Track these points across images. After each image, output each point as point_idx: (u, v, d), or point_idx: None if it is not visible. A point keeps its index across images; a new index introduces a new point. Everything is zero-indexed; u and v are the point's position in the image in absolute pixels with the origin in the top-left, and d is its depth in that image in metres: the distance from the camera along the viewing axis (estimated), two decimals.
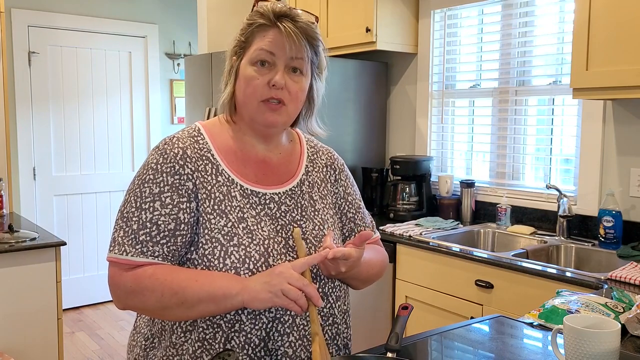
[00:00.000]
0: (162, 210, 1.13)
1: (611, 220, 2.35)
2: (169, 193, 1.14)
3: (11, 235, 2.63)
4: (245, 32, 1.20)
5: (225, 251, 1.13)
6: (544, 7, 2.81)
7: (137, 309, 1.17)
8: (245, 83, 1.18)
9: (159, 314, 1.16)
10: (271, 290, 1.03)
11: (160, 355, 1.19)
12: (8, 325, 2.55)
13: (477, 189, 3.02)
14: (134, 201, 1.15)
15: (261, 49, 1.17)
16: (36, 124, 4.53)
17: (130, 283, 1.12)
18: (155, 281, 1.10)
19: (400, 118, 3.45)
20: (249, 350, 1.13)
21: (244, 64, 1.19)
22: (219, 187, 1.17)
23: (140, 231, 1.12)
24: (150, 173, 1.16)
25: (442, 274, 2.46)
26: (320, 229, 1.25)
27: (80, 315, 4.59)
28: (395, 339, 1.19)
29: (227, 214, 1.16)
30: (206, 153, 1.20)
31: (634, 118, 2.44)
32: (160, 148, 1.18)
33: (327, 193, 1.33)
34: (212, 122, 1.28)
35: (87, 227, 4.80)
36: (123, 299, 1.15)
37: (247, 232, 1.15)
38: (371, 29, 3.05)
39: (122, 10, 4.88)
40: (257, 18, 1.19)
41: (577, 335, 1.09)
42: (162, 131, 5.14)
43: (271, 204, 1.21)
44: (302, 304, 1.04)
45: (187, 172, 1.16)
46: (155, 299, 1.10)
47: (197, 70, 3.59)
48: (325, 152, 1.38)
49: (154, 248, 1.12)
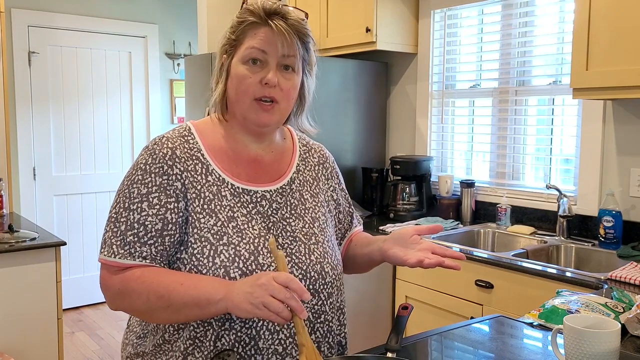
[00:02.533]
0: (149, 211, 1.13)
1: (611, 220, 2.35)
2: (156, 194, 1.14)
3: (11, 235, 2.63)
4: (236, 30, 1.20)
5: (214, 250, 1.13)
6: (544, 7, 2.81)
7: (127, 310, 1.18)
8: (237, 81, 1.18)
9: (147, 317, 1.17)
10: (253, 302, 1.00)
11: (152, 352, 1.19)
12: (8, 326, 2.55)
13: (477, 189, 3.02)
14: (122, 202, 1.15)
15: (252, 47, 1.16)
16: (36, 124, 4.53)
17: (118, 285, 1.13)
18: (142, 284, 1.11)
19: (400, 118, 3.45)
20: (239, 348, 1.13)
21: (235, 63, 1.19)
22: (209, 187, 1.18)
23: (128, 232, 1.13)
24: (139, 173, 1.16)
25: (442, 274, 2.46)
26: (311, 227, 1.25)
27: (80, 315, 4.59)
28: (395, 339, 1.19)
29: (216, 213, 1.16)
30: (196, 153, 1.20)
31: (634, 118, 2.44)
32: (150, 148, 1.18)
33: (319, 191, 1.33)
34: (204, 122, 1.28)
35: (87, 227, 4.81)
36: (113, 301, 1.17)
37: (237, 231, 1.16)
38: (371, 29, 3.05)
39: (122, 10, 4.88)
40: (248, 16, 1.18)
41: (577, 335, 1.09)
42: (162, 131, 5.09)
43: (263, 202, 1.22)
44: (284, 316, 1.00)
45: (175, 172, 1.16)
46: (142, 302, 1.11)
47: (197, 70, 3.59)
48: (317, 149, 1.39)
49: (142, 249, 1.13)
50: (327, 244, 1.27)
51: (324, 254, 1.24)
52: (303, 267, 1.20)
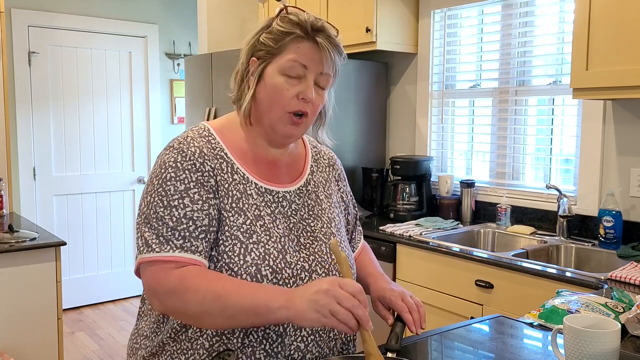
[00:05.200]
0: (193, 206, 1.11)
1: (611, 220, 2.35)
2: (195, 189, 1.12)
3: (11, 235, 2.63)
4: (278, 39, 1.18)
5: (245, 248, 1.13)
6: (544, 7, 2.81)
7: (177, 311, 1.10)
8: (273, 92, 1.18)
9: (199, 320, 1.09)
10: (319, 310, 0.97)
11: (171, 351, 1.16)
12: (8, 325, 2.55)
13: (477, 189, 3.02)
14: (159, 200, 1.11)
15: (295, 61, 1.16)
16: (36, 124, 4.53)
17: (174, 282, 1.07)
18: (200, 282, 1.06)
19: (400, 118, 3.45)
20: (266, 345, 1.13)
21: (273, 72, 1.18)
22: (236, 185, 1.18)
23: (178, 227, 1.09)
24: (170, 171, 1.13)
25: (442, 274, 2.46)
26: (329, 227, 1.28)
27: (80, 315, 4.59)
28: (395, 339, 1.19)
29: (244, 211, 1.16)
30: (220, 152, 1.20)
31: (634, 118, 2.44)
32: (176, 147, 1.17)
33: (332, 192, 1.36)
34: (220, 123, 1.27)
35: (87, 227, 4.80)
36: (164, 300, 1.09)
37: (264, 229, 1.16)
38: (371, 29, 3.05)
39: (122, 10, 4.88)
40: (293, 27, 1.17)
41: (577, 335, 1.09)
42: (162, 131, 5.14)
43: (284, 202, 1.23)
44: (352, 325, 0.97)
45: (207, 170, 1.15)
46: (197, 301, 1.05)
47: (197, 70, 3.59)
48: (326, 152, 1.42)
49: (196, 243, 1.09)
50: (343, 243, 1.30)
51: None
52: (326, 266, 1.21)
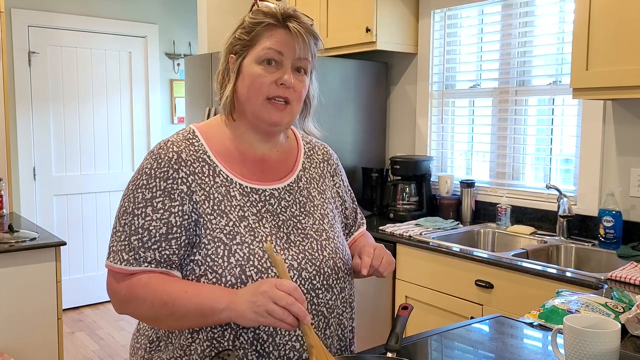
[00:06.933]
0: (153, 216, 1.13)
1: (611, 220, 2.35)
2: (160, 198, 1.14)
3: (11, 235, 2.63)
4: (250, 30, 1.20)
5: (229, 250, 1.13)
6: (544, 7, 2.81)
7: (133, 316, 1.18)
8: (250, 80, 1.19)
9: (153, 323, 1.19)
10: (256, 310, 1.01)
11: (167, 357, 1.19)
12: (8, 325, 2.55)
13: (477, 189, 3.02)
14: (127, 206, 1.16)
15: (269, 48, 1.18)
16: (36, 124, 4.53)
17: (124, 291, 1.14)
18: (147, 291, 1.12)
19: (400, 118, 3.45)
20: (257, 346, 1.14)
21: (249, 63, 1.20)
22: (217, 188, 1.18)
23: (132, 237, 1.13)
24: (144, 178, 1.16)
25: (442, 274, 2.46)
26: (321, 223, 1.27)
27: (80, 315, 4.59)
28: (395, 339, 1.19)
29: (227, 213, 1.16)
30: (202, 155, 1.20)
31: (634, 118, 2.44)
32: (155, 153, 1.19)
33: (326, 188, 1.35)
34: (207, 124, 1.28)
35: (87, 227, 4.80)
36: (119, 306, 1.18)
37: (249, 230, 1.16)
38: (371, 29, 3.05)
39: (122, 10, 4.88)
40: (264, 17, 1.19)
41: (577, 335, 1.09)
42: (162, 131, 5.14)
43: (272, 200, 1.23)
44: (289, 322, 1.01)
45: (181, 176, 1.16)
46: (146, 309, 1.12)
47: (197, 70, 3.59)
48: (320, 147, 1.41)
49: (146, 254, 1.13)
50: (337, 239, 1.29)
51: (335, 249, 1.26)
52: (317, 263, 1.21)
